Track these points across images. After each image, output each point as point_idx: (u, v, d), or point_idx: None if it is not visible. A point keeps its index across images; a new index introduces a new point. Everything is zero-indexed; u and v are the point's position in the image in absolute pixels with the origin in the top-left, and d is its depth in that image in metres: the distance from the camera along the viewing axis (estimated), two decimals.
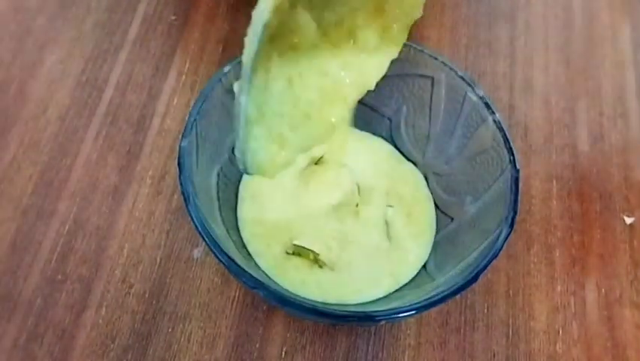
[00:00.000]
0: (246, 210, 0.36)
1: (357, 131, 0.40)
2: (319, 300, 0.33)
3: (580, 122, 0.44)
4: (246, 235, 0.35)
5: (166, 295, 0.35)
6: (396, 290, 0.35)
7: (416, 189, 0.38)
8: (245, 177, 0.37)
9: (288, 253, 0.35)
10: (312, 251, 0.34)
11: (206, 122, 0.33)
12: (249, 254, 0.35)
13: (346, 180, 0.37)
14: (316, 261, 0.35)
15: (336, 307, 0.32)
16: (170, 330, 0.34)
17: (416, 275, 0.35)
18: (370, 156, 0.39)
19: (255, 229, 0.36)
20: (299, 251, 0.35)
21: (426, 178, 0.39)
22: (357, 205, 0.37)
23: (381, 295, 0.34)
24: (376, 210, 0.37)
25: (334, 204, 0.37)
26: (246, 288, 0.35)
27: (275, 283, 0.33)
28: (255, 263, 0.34)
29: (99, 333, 0.34)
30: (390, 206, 0.37)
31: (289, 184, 0.37)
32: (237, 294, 0.36)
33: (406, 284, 0.35)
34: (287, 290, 0.33)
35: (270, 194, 0.37)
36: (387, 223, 0.36)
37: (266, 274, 0.34)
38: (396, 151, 0.39)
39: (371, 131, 0.40)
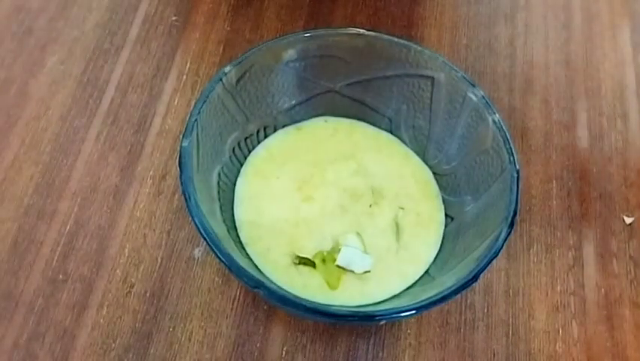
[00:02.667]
0: (243, 212, 0.36)
1: (364, 125, 0.40)
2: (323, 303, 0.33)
3: (580, 122, 0.44)
4: (243, 236, 0.35)
5: (167, 295, 0.35)
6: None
7: (425, 185, 0.38)
8: (241, 177, 0.37)
9: (295, 264, 0.34)
10: (320, 259, 0.34)
11: (207, 122, 0.33)
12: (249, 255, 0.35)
13: (360, 179, 0.37)
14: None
15: (336, 307, 0.33)
16: (171, 329, 0.35)
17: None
18: (380, 154, 0.39)
19: (253, 232, 0.35)
20: (304, 261, 0.34)
21: None
22: (370, 206, 0.37)
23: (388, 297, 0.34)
24: (388, 211, 0.36)
25: (346, 204, 0.36)
26: (246, 288, 0.35)
27: (277, 285, 0.33)
28: (255, 265, 0.34)
29: (100, 333, 0.34)
30: (402, 208, 0.37)
31: (292, 185, 0.37)
32: (238, 293, 0.36)
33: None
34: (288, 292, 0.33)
35: (268, 195, 0.37)
36: (397, 225, 0.36)
37: (267, 277, 0.34)
38: (404, 145, 0.39)
39: None
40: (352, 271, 0.34)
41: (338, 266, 0.34)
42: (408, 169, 0.38)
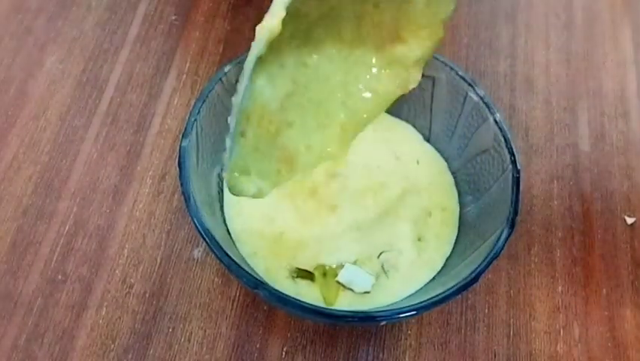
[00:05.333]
0: (230, 211, 0.35)
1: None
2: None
3: (581, 122, 0.43)
4: (234, 235, 0.35)
5: (166, 296, 0.35)
6: None
7: (443, 176, 0.38)
8: None
9: (293, 277, 0.33)
10: (320, 272, 0.34)
11: (207, 122, 0.33)
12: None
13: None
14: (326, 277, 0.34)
15: (336, 308, 0.32)
16: (170, 330, 0.34)
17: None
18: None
19: (243, 237, 0.34)
20: (302, 275, 0.34)
21: None
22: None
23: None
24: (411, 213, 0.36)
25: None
26: (246, 288, 0.35)
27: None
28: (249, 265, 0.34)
29: (99, 333, 0.34)
30: (429, 214, 0.36)
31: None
32: (238, 294, 0.36)
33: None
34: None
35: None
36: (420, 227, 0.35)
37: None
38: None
39: None
40: (351, 290, 0.34)
41: (338, 282, 0.34)
42: (436, 165, 0.38)
